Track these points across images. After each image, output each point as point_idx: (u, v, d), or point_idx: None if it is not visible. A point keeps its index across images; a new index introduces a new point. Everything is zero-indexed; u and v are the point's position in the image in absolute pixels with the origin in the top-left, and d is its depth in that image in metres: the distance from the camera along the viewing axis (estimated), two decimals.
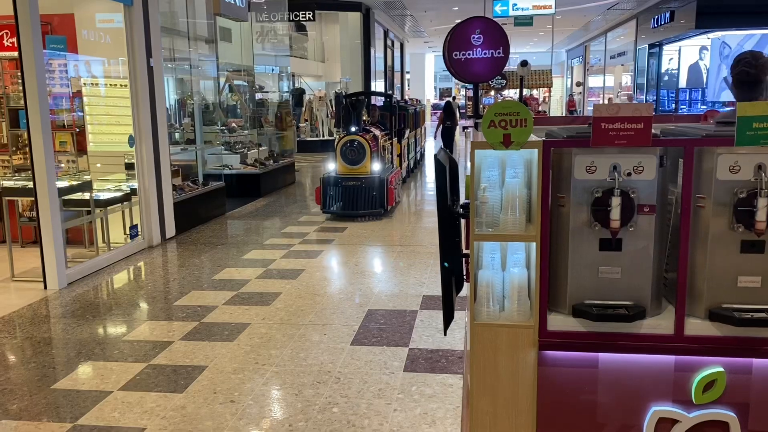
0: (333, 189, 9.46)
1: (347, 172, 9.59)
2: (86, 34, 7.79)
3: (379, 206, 9.41)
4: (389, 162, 11.09)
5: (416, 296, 5.78)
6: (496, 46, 7.75)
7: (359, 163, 9.56)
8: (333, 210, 9.49)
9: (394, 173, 10.24)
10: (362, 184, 9.41)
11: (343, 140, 9.68)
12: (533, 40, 32.32)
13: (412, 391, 3.90)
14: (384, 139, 10.89)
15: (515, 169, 2.28)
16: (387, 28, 24.79)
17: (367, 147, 9.55)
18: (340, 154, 9.60)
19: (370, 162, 9.61)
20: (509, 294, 2.33)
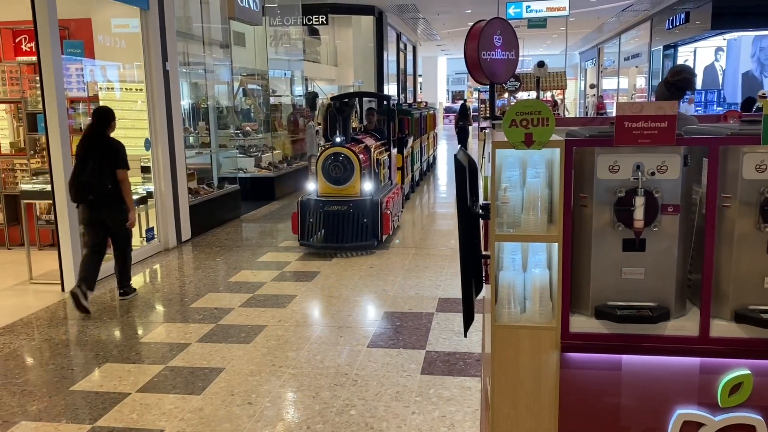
0: (313, 215, 7.55)
1: (331, 193, 7.67)
2: (102, 38, 7.86)
3: (370, 236, 7.54)
4: (386, 178, 9.14)
5: (432, 299, 5.75)
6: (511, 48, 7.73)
7: (346, 182, 7.64)
8: (311, 243, 7.56)
9: (392, 192, 8.56)
10: (349, 209, 7.48)
11: (325, 154, 7.76)
12: (547, 42, 32.21)
13: (430, 394, 3.87)
14: (379, 150, 8.86)
15: (536, 169, 2.26)
16: (400, 31, 24.80)
17: (356, 162, 7.62)
18: (321, 171, 7.68)
19: (360, 180, 7.67)
20: (531, 295, 2.31)
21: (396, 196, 8.73)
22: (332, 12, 18.70)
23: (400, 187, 9.52)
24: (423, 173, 14.76)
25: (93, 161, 5.50)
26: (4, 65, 7.77)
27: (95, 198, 5.52)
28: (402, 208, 9.56)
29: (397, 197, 8.87)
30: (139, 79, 7.85)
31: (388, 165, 9.26)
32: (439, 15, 22.42)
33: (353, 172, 7.65)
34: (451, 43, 31.97)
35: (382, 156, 8.93)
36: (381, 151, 8.97)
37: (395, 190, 8.92)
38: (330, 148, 7.84)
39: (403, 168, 10.75)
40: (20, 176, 7.84)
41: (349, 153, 7.71)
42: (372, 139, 8.97)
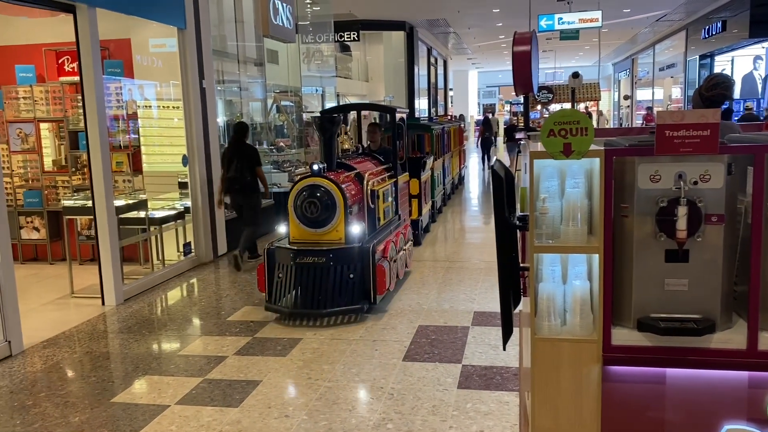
0: (282, 269, 5.67)
1: (306, 239, 5.78)
2: (140, 58, 8.06)
3: (358, 298, 5.61)
4: (392, 213, 6.98)
5: (467, 312, 5.71)
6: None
7: (325, 224, 5.70)
8: (279, 308, 5.65)
9: (395, 233, 6.63)
10: (329, 262, 5.55)
11: (297, 187, 5.79)
12: (579, 54, 31.98)
13: (467, 408, 3.84)
14: (378, 178, 6.71)
15: (575, 179, 2.24)
16: (430, 45, 24.90)
17: (339, 197, 5.69)
18: (293, 210, 5.78)
19: (345, 221, 5.72)
20: (571, 307, 2.28)
21: (402, 236, 6.83)
22: (363, 28, 18.89)
23: (407, 223, 7.43)
24: (447, 197, 12.94)
25: (236, 162, 7.56)
26: (47, 85, 8.02)
27: (239, 188, 7.64)
28: (411, 249, 7.43)
29: (404, 238, 6.98)
30: (176, 97, 8.02)
31: (394, 195, 7.03)
32: (470, 29, 22.47)
33: (335, 210, 5.65)
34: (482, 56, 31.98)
35: (384, 185, 6.68)
36: (382, 179, 6.84)
37: (402, 227, 7.00)
38: (304, 178, 5.80)
39: (420, 196, 8.74)
40: (62, 193, 8.06)
41: (330, 185, 5.67)
42: (372, 163, 7.04)
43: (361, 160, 6.98)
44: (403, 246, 6.84)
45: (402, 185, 7.55)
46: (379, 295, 5.75)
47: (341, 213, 5.70)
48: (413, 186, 8.57)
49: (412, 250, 7.42)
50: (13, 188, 8.07)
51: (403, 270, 6.72)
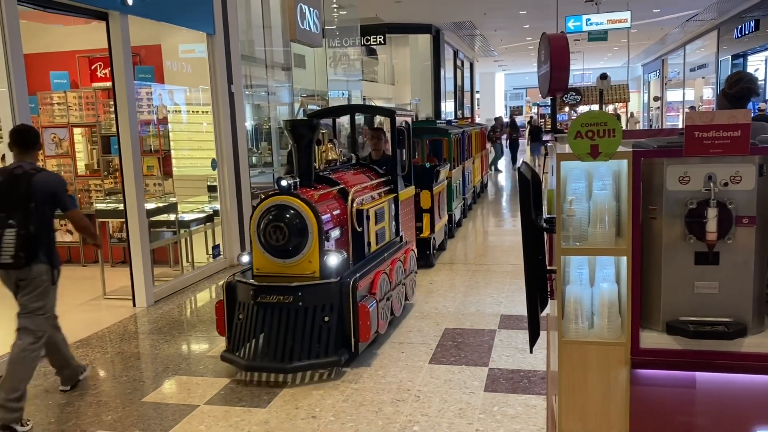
0: (243, 309, 4.64)
1: (271, 271, 4.71)
2: (170, 64, 8.20)
3: (335, 347, 4.46)
4: (392, 234, 5.88)
5: (494, 315, 5.69)
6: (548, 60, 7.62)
7: (294, 254, 4.62)
8: (237, 359, 4.52)
9: (389, 261, 5.40)
10: (297, 301, 4.44)
11: (261, 207, 4.72)
12: (607, 55, 31.64)
13: (494, 412, 3.83)
14: (370, 194, 5.61)
15: (603, 181, 2.23)
16: (456, 48, 24.86)
17: (312, 220, 4.58)
18: (255, 235, 4.72)
19: (320, 250, 4.61)
20: (599, 310, 2.27)
21: (400, 263, 5.64)
22: (390, 32, 18.94)
23: (410, 247, 6.09)
24: (467, 208, 11.64)
25: None
26: (81, 91, 8.20)
27: None
28: (415, 276, 6.19)
29: (404, 265, 5.76)
30: (205, 101, 8.13)
31: (393, 213, 5.95)
32: (497, 31, 22.38)
33: (307, 237, 4.57)
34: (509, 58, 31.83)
35: (377, 203, 5.53)
36: (378, 194, 5.76)
37: (402, 251, 5.80)
38: (270, 196, 4.72)
39: (432, 210, 7.64)
40: (95, 196, 8.22)
41: (301, 205, 4.58)
42: (365, 176, 5.97)
43: (352, 172, 5.88)
44: (401, 278, 5.66)
45: (405, 201, 6.42)
46: (362, 343, 4.60)
47: (314, 240, 4.56)
48: (424, 199, 7.56)
49: (415, 277, 6.23)
50: None
51: (400, 306, 5.58)
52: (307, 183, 4.94)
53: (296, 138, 4.96)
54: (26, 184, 3.91)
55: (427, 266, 7.49)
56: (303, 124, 5.04)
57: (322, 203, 4.82)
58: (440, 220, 8.24)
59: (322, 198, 4.90)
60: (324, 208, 4.80)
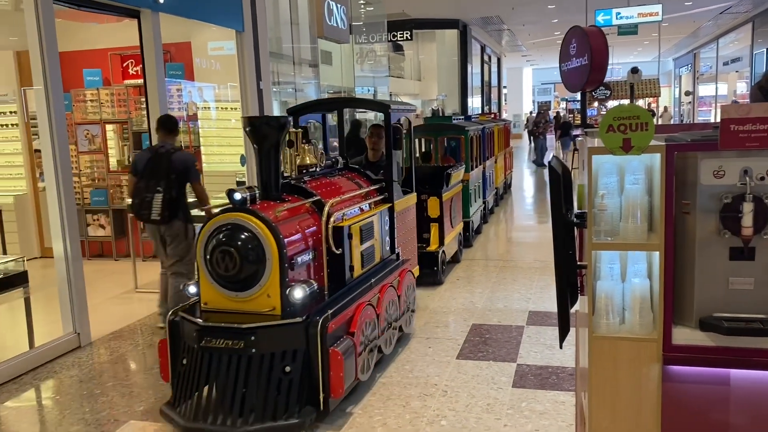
0: (187, 352, 3.75)
1: (222, 306, 3.80)
2: (200, 61, 8.30)
3: (298, 404, 3.54)
4: (386, 252, 5.06)
5: (522, 312, 5.67)
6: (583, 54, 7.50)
7: (248, 286, 3.73)
8: (175, 416, 3.63)
9: (380, 286, 4.48)
10: (250, 346, 3.54)
11: (209, 226, 3.82)
12: (638, 49, 31.16)
13: (522, 407, 3.81)
14: (356, 207, 4.71)
15: (635, 176, 2.21)
16: (484, 43, 24.71)
17: (270, 243, 3.67)
18: (202, 260, 3.80)
19: (281, 281, 3.69)
20: (630, 306, 2.25)
21: (392, 290, 4.66)
22: (417, 27, 18.90)
23: (406, 269, 5.10)
24: (488, 212, 10.56)
25: None
26: (113, 88, 8.34)
27: None
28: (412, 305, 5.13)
29: (399, 292, 4.79)
30: (233, 98, 8.21)
31: (387, 227, 5.08)
32: (525, 26, 22.19)
33: (264, 265, 3.65)
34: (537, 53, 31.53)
35: (364, 216, 4.60)
36: (369, 205, 4.90)
37: (397, 273, 4.89)
38: (221, 213, 3.81)
39: (441, 219, 6.71)
40: (126, 192, 8.36)
41: (257, 225, 3.66)
42: (352, 183, 5.01)
43: (335, 179, 4.87)
44: (393, 307, 4.64)
45: (403, 211, 5.55)
46: (334, 399, 3.67)
47: (274, 268, 3.61)
48: (432, 207, 6.68)
49: (414, 304, 5.16)
50: (80, 187, 8.43)
51: (391, 345, 4.61)
52: (272, 195, 3.98)
53: (258, 139, 3.95)
54: (167, 160, 5.23)
55: (435, 284, 6.54)
56: (265, 123, 4.06)
57: (287, 221, 3.87)
58: (452, 229, 7.23)
59: (289, 214, 3.94)
60: (290, 228, 3.85)
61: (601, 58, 6.47)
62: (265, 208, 3.82)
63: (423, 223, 6.55)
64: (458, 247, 7.67)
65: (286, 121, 4.05)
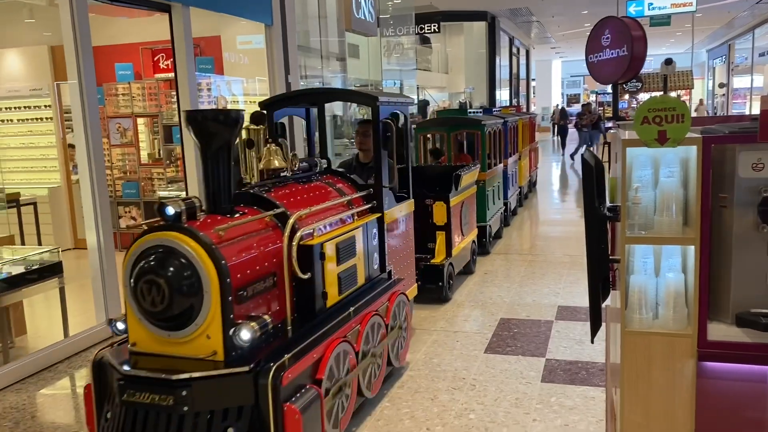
0: (110, 404, 3.00)
1: (152, 348, 3.00)
2: (229, 55, 8.36)
3: None
4: (375, 270, 4.26)
5: (551, 306, 5.62)
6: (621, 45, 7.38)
7: (183, 325, 2.89)
8: None
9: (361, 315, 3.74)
10: (182, 403, 2.74)
11: (134, 248, 2.97)
12: (670, 40, 30.58)
13: (551, 402, 3.79)
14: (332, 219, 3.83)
15: (670, 168, 2.17)
16: (512, 35, 24.48)
17: (209, 271, 2.84)
18: (128, 289, 2.99)
19: (224, 320, 2.86)
20: (664, 300, 2.22)
21: (379, 322, 3.92)
22: (444, 20, 18.80)
23: (403, 287, 4.48)
24: (510, 213, 9.70)
25: None
26: (144, 82, 8.45)
27: None
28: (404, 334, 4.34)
29: (387, 322, 4.02)
30: (261, 92, 8.26)
31: (375, 243, 4.27)
32: (554, 17, 21.92)
33: (200, 299, 2.89)
34: (567, 45, 31.14)
35: (343, 231, 3.80)
36: (352, 216, 4.09)
37: (386, 297, 4.11)
38: (149, 231, 3.01)
39: (449, 227, 5.93)
40: (157, 184, 8.48)
41: (192, 248, 2.89)
42: (332, 189, 4.15)
43: (309, 185, 4.00)
44: (376, 341, 3.85)
45: (398, 221, 4.73)
46: None
47: (214, 302, 2.83)
48: (438, 213, 5.91)
49: (406, 332, 4.35)
50: (113, 180, 8.57)
51: (375, 387, 3.84)
52: (222, 207, 3.16)
53: (203, 138, 3.12)
54: None
55: (440, 301, 5.80)
56: (212, 117, 3.13)
57: (236, 241, 3.05)
58: (463, 238, 6.42)
59: (239, 231, 3.11)
60: (238, 249, 3.03)
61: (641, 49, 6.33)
62: (206, 225, 2.98)
63: (428, 232, 5.89)
64: (471, 258, 6.79)
65: (238, 115, 3.17)
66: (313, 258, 3.37)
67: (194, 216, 3.02)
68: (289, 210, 3.44)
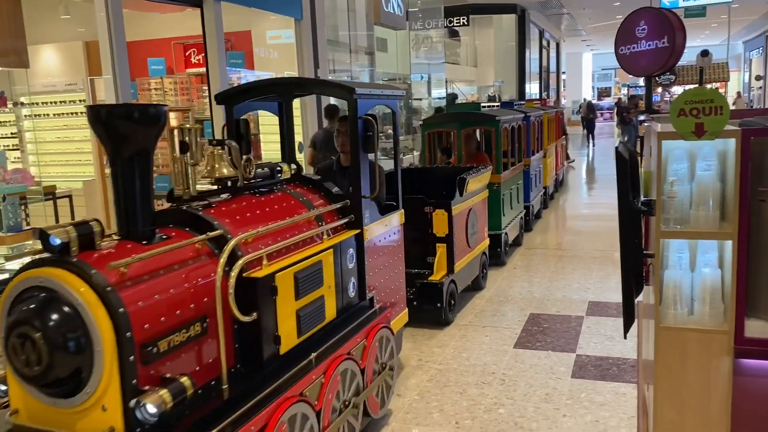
0: None
1: (36, 421, 2.27)
2: (258, 50, 8.42)
3: None
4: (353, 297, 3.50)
5: (581, 302, 5.56)
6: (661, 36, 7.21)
7: (71, 392, 2.17)
8: None
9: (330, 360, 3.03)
10: None
11: (11, 287, 2.25)
12: (705, 32, 29.90)
13: (582, 398, 3.76)
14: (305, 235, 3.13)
15: (707, 162, 2.13)
16: (542, 28, 24.20)
17: (100, 322, 2.11)
18: (2, 342, 2.19)
19: (122, 387, 2.13)
20: (699, 296, 2.18)
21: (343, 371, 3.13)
22: (474, 12, 18.65)
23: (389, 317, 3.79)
24: (533, 216, 8.88)
25: None
26: (176, 77, 8.55)
27: None
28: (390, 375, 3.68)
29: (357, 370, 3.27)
30: None
31: (352, 267, 3.52)
32: (585, 9, 21.61)
33: (91, 359, 2.14)
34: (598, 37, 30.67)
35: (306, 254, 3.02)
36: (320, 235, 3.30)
37: (357, 339, 3.34)
38: (25, 268, 2.28)
39: (450, 239, 5.12)
40: None
41: (75, 291, 2.15)
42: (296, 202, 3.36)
43: (269, 197, 3.23)
44: (350, 393, 3.18)
45: (383, 236, 3.91)
46: None
47: (108, 364, 2.15)
48: (438, 223, 5.12)
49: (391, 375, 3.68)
50: None
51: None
52: (137, 231, 2.45)
53: (112, 141, 2.43)
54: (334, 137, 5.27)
55: (439, 324, 5.05)
56: (124, 115, 2.42)
57: (147, 278, 2.33)
58: (469, 250, 5.60)
59: (154, 264, 2.38)
60: (147, 290, 2.31)
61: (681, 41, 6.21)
62: (106, 257, 2.25)
63: (427, 244, 5.15)
64: (480, 272, 5.92)
65: (159, 112, 2.46)
66: (258, 294, 2.59)
67: (92, 245, 2.27)
68: (232, 231, 2.70)
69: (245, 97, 3.98)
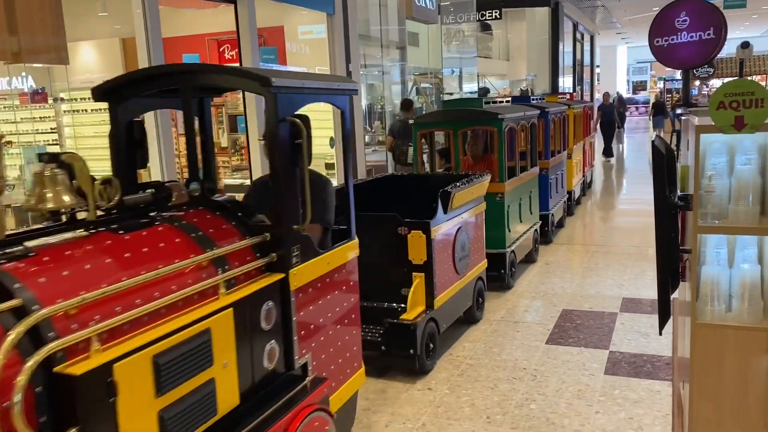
0: None
1: None
2: (291, 45, 8.48)
3: None
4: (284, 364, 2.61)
5: (615, 298, 5.50)
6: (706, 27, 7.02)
7: None
8: None
9: None
10: None
11: None
12: (745, 23, 29.14)
13: (615, 395, 3.72)
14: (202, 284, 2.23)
15: (747, 156, 2.09)
16: (576, 21, 23.84)
17: None
18: None
19: None
20: (738, 293, 2.15)
21: None
22: (506, 6, 18.46)
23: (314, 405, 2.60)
24: (552, 227, 7.74)
25: None
26: None
27: None
28: None
29: None
30: None
31: (273, 328, 2.52)
32: (620, 1, 21.23)
33: None
34: (633, 30, 30.13)
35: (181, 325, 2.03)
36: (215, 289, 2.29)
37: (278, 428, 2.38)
38: None
39: (430, 267, 4.13)
40: (222, 172, 8.70)
41: None
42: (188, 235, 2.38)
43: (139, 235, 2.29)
44: None
45: (326, 276, 2.95)
46: None
47: None
48: (415, 247, 4.11)
49: None
50: (180, 167, 8.83)
51: None
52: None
53: None
54: (409, 126, 7.07)
55: (413, 375, 4.08)
56: None
57: None
58: (457, 278, 4.59)
59: None
60: None
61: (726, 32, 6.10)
62: None
63: (402, 271, 4.15)
64: (473, 302, 4.96)
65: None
66: (78, 399, 1.72)
67: None
68: (44, 298, 1.79)
69: (132, 92, 2.85)
